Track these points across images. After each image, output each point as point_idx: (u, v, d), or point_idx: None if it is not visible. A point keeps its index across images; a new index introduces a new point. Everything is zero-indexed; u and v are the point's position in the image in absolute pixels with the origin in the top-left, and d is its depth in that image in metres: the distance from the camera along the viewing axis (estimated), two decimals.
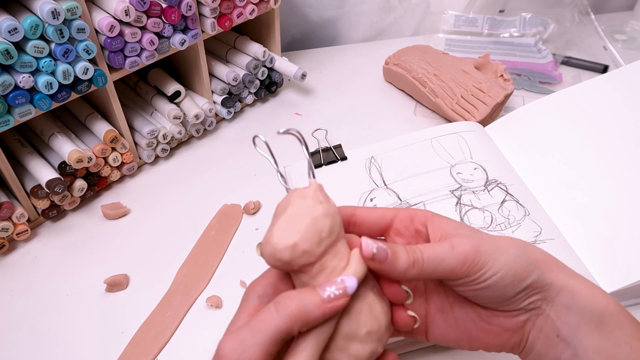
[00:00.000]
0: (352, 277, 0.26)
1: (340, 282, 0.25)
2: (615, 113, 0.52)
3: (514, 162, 0.52)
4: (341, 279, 0.26)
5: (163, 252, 0.49)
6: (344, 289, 0.25)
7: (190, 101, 0.58)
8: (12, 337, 0.42)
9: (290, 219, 0.26)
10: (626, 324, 0.28)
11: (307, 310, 0.25)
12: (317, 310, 0.25)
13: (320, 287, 0.25)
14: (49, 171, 0.47)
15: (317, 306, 0.25)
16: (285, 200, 0.28)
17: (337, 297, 0.25)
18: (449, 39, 0.79)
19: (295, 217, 0.26)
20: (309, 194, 0.27)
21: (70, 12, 0.41)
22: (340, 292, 0.25)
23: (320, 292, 0.25)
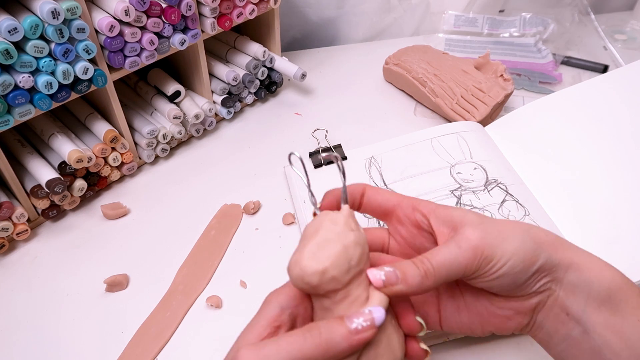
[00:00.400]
0: (379, 307, 0.25)
1: (368, 313, 0.25)
2: (615, 113, 0.52)
3: (514, 162, 0.52)
4: (369, 310, 0.25)
5: (163, 252, 0.49)
6: (371, 320, 0.25)
7: (190, 101, 0.58)
8: (12, 337, 0.42)
9: (321, 244, 0.26)
10: (633, 297, 0.28)
11: (335, 341, 0.24)
12: (344, 342, 0.24)
13: (348, 319, 0.25)
14: (49, 171, 0.47)
15: (344, 338, 0.24)
16: (316, 222, 0.28)
17: (365, 329, 0.25)
18: (449, 39, 0.79)
19: (326, 242, 0.26)
20: (341, 220, 0.27)
21: (70, 12, 0.41)
22: (368, 324, 0.25)
23: (348, 324, 0.25)
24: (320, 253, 0.26)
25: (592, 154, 0.50)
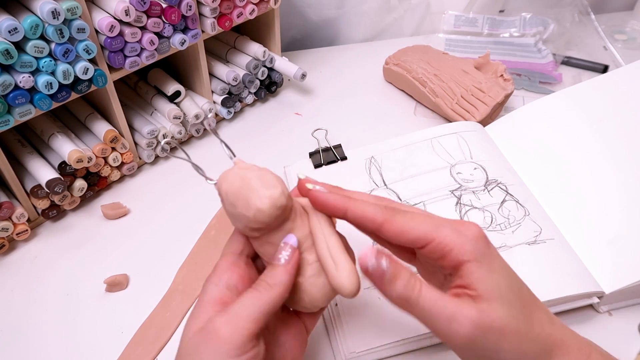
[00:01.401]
0: (289, 235, 0.30)
1: (284, 244, 0.30)
2: (615, 113, 0.52)
3: (514, 162, 0.52)
4: (283, 242, 0.30)
5: (163, 252, 0.49)
6: (290, 247, 0.29)
7: (190, 101, 0.58)
8: (12, 337, 0.42)
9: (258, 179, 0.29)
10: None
11: (279, 279, 0.29)
12: (285, 275, 0.29)
13: (276, 259, 0.29)
14: (49, 171, 0.47)
15: (283, 272, 0.29)
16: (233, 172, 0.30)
17: (291, 256, 0.29)
18: (449, 39, 0.79)
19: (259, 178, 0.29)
20: (245, 165, 0.31)
21: (70, 12, 0.41)
22: (290, 250, 0.29)
23: (278, 262, 0.29)
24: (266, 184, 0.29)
25: (592, 154, 0.50)
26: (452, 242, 0.27)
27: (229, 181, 0.30)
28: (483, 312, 0.26)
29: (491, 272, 0.27)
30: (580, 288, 0.40)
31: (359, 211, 0.29)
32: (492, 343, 0.27)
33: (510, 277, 0.29)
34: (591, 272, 0.42)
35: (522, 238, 0.44)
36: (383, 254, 0.27)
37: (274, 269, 0.29)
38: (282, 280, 0.29)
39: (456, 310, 0.26)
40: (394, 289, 0.27)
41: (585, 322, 0.42)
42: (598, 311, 0.42)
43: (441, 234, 0.28)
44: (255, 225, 0.29)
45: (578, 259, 0.43)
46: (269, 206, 0.28)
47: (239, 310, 0.28)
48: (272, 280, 0.29)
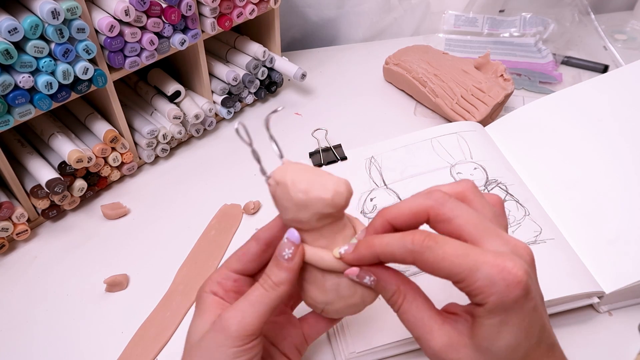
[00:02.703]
0: (290, 230, 0.30)
1: (286, 241, 0.30)
2: (615, 113, 0.52)
3: (514, 162, 0.52)
4: (285, 238, 0.30)
5: (163, 252, 0.49)
6: (292, 243, 0.30)
7: (190, 101, 0.58)
8: (12, 337, 0.42)
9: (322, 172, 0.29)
10: None
11: (281, 277, 0.30)
12: (285, 272, 0.30)
13: (278, 255, 0.30)
14: (49, 171, 0.47)
15: (283, 269, 0.30)
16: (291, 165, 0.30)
17: (294, 253, 0.30)
18: (449, 38, 0.79)
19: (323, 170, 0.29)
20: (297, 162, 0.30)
21: (70, 12, 0.41)
22: (292, 248, 0.30)
23: (279, 259, 0.30)
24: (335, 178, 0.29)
25: (592, 154, 0.50)
26: (480, 289, 0.26)
27: (292, 171, 0.29)
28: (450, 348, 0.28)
29: (500, 326, 0.26)
30: (580, 288, 0.40)
31: (388, 253, 0.29)
32: None
33: (522, 336, 0.27)
34: (591, 272, 0.42)
35: (522, 238, 0.44)
36: (368, 272, 0.30)
37: (279, 268, 0.30)
38: (287, 279, 0.30)
39: (422, 336, 0.28)
40: (383, 298, 0.30)
41: (585, 322, 0.42)
42: (598, 311, 0.42)
43: (472, 278, 0.26)
44: (329, 210, 0.28)
45: (578, 259, 0.43)
46: (346, 190, 0.28)
47: (246, 307, 0.30)
48: (277, 279, 0.30)
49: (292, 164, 0.30)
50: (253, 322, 0.29)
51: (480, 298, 0.26)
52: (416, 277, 0.31)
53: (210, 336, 0.30)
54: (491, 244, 0.27)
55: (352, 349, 0.38)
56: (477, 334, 0.27)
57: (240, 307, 0.30)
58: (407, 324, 0.29)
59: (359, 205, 0.49)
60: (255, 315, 0.29)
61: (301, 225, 0.30)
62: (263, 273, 0.31)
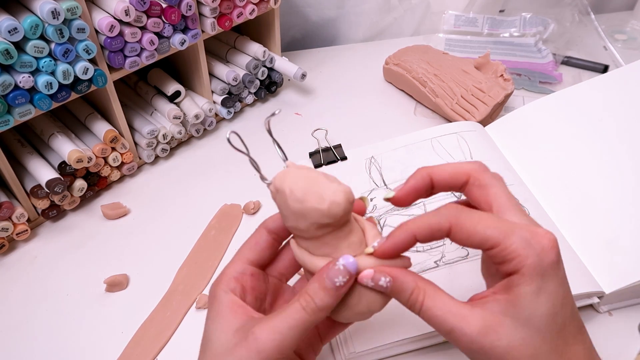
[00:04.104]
0: (350, 258, 0.28)
1: (343, 268, 0.28)
2: (615, 113, 0.52)
3: (514, 162, 0.52)
4: (342, 264, 0.28)
5: (163, 252, 0.49)
6: (348, 273, 0.28)
7: (190, 101, 0.58)
8: (12, 337, 0.42)
9: (324, 177, 0.28)
10: None
11: (324, 302, 0.28)
12: (331, 299, 0.28)
13: (327, 278, 0.27)
14: (49, 171, 0.47)
15: (331, 296, 0.28)
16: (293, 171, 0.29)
17: (346, 283, 0.28)
18: (449, 38, 0.79)
19: (325, 176, 0.28)
20: (300, 166, 0.29)
21: (70, 12, 0.41)
22: (347, 278, 0.27)
23: (329, 284, 0.27)
24: (335, 180, 0.28)
25: (592, 154, 0.50)
26: (516, 252, 0.27)
27: (291, 178, 0.28)
28: (488, 330, 0.27)
29: (538, 292, 0.27)
30: (580, 288, 0.40)
31: (425, 228, 0.29)
32: None
33: (559, 304, 0.27)
34: (591, 272, 0.42)
35: None
36: (383, 273, 0.28)
37: (325, 292, 0.28)
38: (331, 305, 0.28)
39: (455, 326, 0.27)
40: (399, 301, 0.29)
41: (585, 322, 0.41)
42: (598, 311, 0.42)
43: (508, 241, 0.27)
44: (326, 220, 0.27)
45: (578, 259, 0.43)
46: (344, 199, 0.27)
47: (285, 329, 0.27)
48: (321, 303, 0.28)
49: (294, 169, 0.29)
50: (290, 346, 0.27)
51: (516, 262, 0.27)
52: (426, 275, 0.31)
53: (241, 353, 0.27)
54: (519, 218, 0.28)
55: (352, 349, 0.38)
56: (515, 306, 0.27)
57: (278, 329, 0.27)
58: (435, 320, 0.28)
59: None
60: (292, 339, 0.27)
61: (301, 234, 0.29)
62: (303, 292, 0.28)
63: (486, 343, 0.27)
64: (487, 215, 0.28)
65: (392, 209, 0.48)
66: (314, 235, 0.29)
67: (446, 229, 0.28)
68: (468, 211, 0.28)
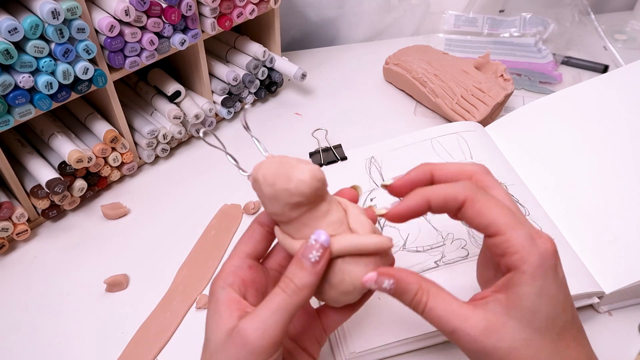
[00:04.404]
0: (320, 232, 0.29)
1: (315, 242, 0.28)
2: (615, 113, 0.52)
3: (513, 162, 0.52)
4: (314, 239, 0.28)
5: (163, 252, 0.49)
6: (321, 246, 0.28)
7: (190, 101, 0.58)
8: (12, 337, 0.42)
9: (296, 160, 0.29)
10: None
11: (305, 281, 0.28)
12: (311, 277, 0.28)
13: (303, 257, 0.28)
14: (49, 171, 0.47)
15: (310, 273, 0.28)
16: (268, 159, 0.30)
17: (321, 257, 0.28)
18: (449, 39, 0.79)
19: (296, 159, 0.29)
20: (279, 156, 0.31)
21: (70, 12, 0.41)
22: (321, 251, 0.28)
23: (306, 263, 0.28)
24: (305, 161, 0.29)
25: (592, 154, 0.50)
26: (520, 245, 0.27)
27: (265, 165, 0.30)
28: (490, 331, 0.27)
29: (540, 293, 0.27)
30: (580, 288, 0.40)
31: (441, 195, 0.29)
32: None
33: (560, 306, 0.27)
34: (591, 272, 0.42)
35: None
36: (386, 275, 0.28)
37: (302, 270, 0.28)
38: (311, 282, 0.28)
39: (457, 326, 0.27)
40: (403, 302, 0.29)
41: (585, 322, 0.41)
42: (598, 311, 0.42)
43: (514, 233, 0.27)
44: (296, 199, 0.28)
45: (578, 259, 0.43)
46: (310, 177, 0.28)
47: (267, 316, 0.27)
48: (300, 282, 0.28)
49: (270, 158, 0.30)
50: (276, 333, 0.27)
51: (518, 257, 0.27)
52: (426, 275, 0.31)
53: (230, 350, 0.27)
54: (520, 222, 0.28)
55: (352, 349, 0.38)
56: (517, 306, 0.27)
57: (261, 317, 0.27)
58: (438, 320, 0.28)
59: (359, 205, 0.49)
60: (277, 325, 0.27)
61: (280, 218, 0.30)
62: (283, 276, 0.29)
63: (488, 344, 0.27)
64: (502, 203, 0.28)
65: None
66: (290, 217, 0.29)
67: (460, 201, 0.28)
68: (485, 191, 0.29)
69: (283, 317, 0.27)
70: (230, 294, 0.29)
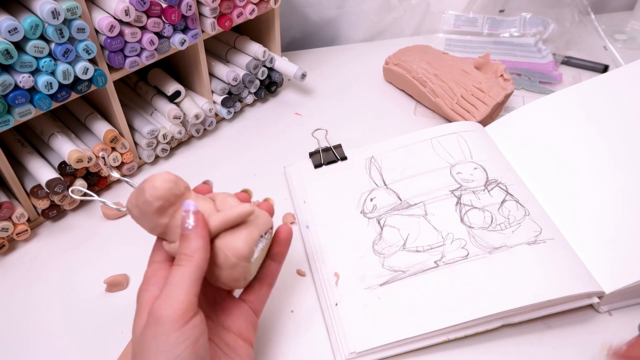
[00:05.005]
0: (187, 202, 0.32)
1: (186, 212, 0.32)
2: (615, 113, 0.52)
3: (514, 162, 0.52)
4: (184, 210, 0.32)
5: None
6: (188, 211, 0.32)
7: (190, 101, 0.58)
8: (12, 337, 0.42)
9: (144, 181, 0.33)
10: None
11: (194, 246, 0.31)
12: (197, 239, 0.31)
13: (182, 229, 0.31)
14: (49, 171, 0.47)
15: (193, 237, 0.31)
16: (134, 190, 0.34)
17: (196, 220, 0.31)
18: (449, 38, 0.79)
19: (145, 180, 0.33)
20: None
21: (70, 12, 0.41)
22: (192, 216, 0.31)
23: (186, 231, 0.31)
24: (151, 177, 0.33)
25: (592, 154, 0.50)
26: None
27: (130, 196, 0.34)
28: None
29: None
30: (580, 288, 0.40)
31: None
32: None
33: None
34: (591, 272, 0.42)
35: (522, 238, 0.44)
36: None
37: (186, 239, 0.31)
38: (199, 245, 0.31)
39: None
40: None
41: (585, 322, 0.42)
42: (598, 311, 0.42)
43: None
44: (156, 204, 0.32)
45: (578, 259, 0.43)
46: (160, 181, 0.32)
47: (169, 290, 0.30)
48: (189, 249, 0.31)
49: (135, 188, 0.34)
50: (182, 300, 0.29)
51: None
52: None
53: (147, 332, 0.29)
54: None
55: (352, 349, 0.38)
56: None
57: (165, 293, 0.30)
58: None
59: (359, 205, 0.49)
60: (181, 293, 0.29)
61: (158, 231, 0.33)
62: (176, 256, 0.31)
63: None
64: None
65: (392, 209, 0.48)
66: (164, 225, 0.33)
67: None
68: None
69: (183, 286, 0.30)
70: (152, 293, 0.32)
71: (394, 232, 0.46)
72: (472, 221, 0.46)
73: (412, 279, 0.42)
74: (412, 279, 0.42)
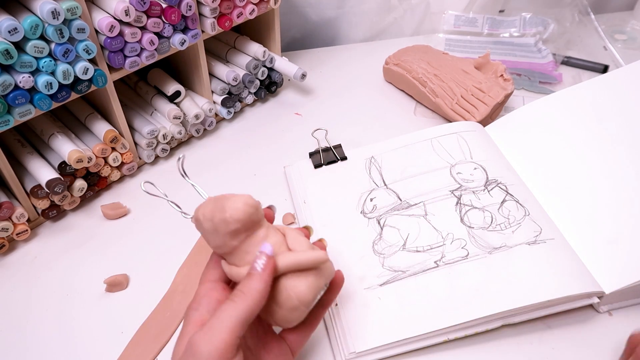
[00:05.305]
0: (265, 244, 0.32)
1: (260, 253, 0.31)
2: (615, 113, 0.52)
3: (514, 162, 0.52)
4: (260, 250, 0.31)
5: (163, 252, 0.49)
6: (266, 255, 0.31)
7: (190, 101, 0.58)
8: (12, 337, 0.42)
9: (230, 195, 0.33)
10: None
11: (255, 288, 0.30)
12: (260, 283, 0.30)
13: (251, 268, 0.31)
14: (49, 171, 0.47)
15: (258, 280, 0.30)
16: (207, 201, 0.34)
17: (267, 264, 0.31)
18: (449, 39, 0.79)
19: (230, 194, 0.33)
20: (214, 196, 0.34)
21: (70, 12, 0.41)
22: (265, 259, 0.31)
23: (254, 271, 0.30)
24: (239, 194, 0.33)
25: (592, 154, 0.50)
26: None
27: (204, 205, 0.33)
28: None
29: None
30: (580, 288, 0.40)
31: None
32: None
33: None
34: (591, 272, 0.42)
35: (522, 238, 0.44)
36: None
37: (249, 278, 0.30)
38: (257, 288, 0.30)
39: None
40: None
41: (585, 322, 0.42)
42: (598, 311, 0.42)
43: None
44: (233, 226, 0.31)
45: (578, 259, 0.43)
46: (243, 203, 0.31)
47: (215, 323, 0.29)
48: (247, 288, 0.30)
49: (207, 200, 0.33)
50: (224, 339, 0.28)
51: None
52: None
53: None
54: None
55: (352, 349, 0.38)
56: None
57: (209, 326, 0.29)
58: None
59: (359, 205, 0.49)
60: (225, 331, 0.28)
61: (224, 250, 0.33)
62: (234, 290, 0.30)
63: None
64: None
65: (392, 209, 0.48)
66: (232, 247, 0.32)
67: None
68: None
69: (231, 324, 0.28)
70: (201, 315, 0.31)
71: (394, 232, 0.46)
72: (472, 221, 0.46)
73: (412, 279, 0.42)
74: (412, 279, 0.42)
